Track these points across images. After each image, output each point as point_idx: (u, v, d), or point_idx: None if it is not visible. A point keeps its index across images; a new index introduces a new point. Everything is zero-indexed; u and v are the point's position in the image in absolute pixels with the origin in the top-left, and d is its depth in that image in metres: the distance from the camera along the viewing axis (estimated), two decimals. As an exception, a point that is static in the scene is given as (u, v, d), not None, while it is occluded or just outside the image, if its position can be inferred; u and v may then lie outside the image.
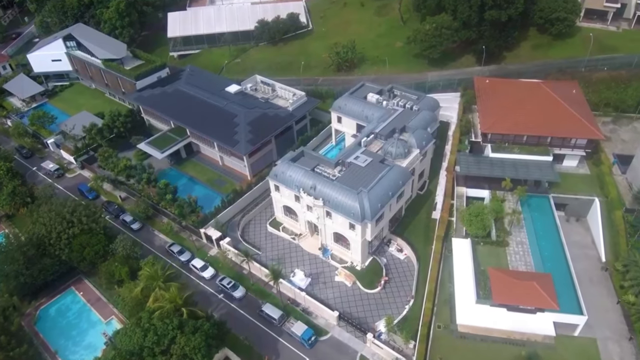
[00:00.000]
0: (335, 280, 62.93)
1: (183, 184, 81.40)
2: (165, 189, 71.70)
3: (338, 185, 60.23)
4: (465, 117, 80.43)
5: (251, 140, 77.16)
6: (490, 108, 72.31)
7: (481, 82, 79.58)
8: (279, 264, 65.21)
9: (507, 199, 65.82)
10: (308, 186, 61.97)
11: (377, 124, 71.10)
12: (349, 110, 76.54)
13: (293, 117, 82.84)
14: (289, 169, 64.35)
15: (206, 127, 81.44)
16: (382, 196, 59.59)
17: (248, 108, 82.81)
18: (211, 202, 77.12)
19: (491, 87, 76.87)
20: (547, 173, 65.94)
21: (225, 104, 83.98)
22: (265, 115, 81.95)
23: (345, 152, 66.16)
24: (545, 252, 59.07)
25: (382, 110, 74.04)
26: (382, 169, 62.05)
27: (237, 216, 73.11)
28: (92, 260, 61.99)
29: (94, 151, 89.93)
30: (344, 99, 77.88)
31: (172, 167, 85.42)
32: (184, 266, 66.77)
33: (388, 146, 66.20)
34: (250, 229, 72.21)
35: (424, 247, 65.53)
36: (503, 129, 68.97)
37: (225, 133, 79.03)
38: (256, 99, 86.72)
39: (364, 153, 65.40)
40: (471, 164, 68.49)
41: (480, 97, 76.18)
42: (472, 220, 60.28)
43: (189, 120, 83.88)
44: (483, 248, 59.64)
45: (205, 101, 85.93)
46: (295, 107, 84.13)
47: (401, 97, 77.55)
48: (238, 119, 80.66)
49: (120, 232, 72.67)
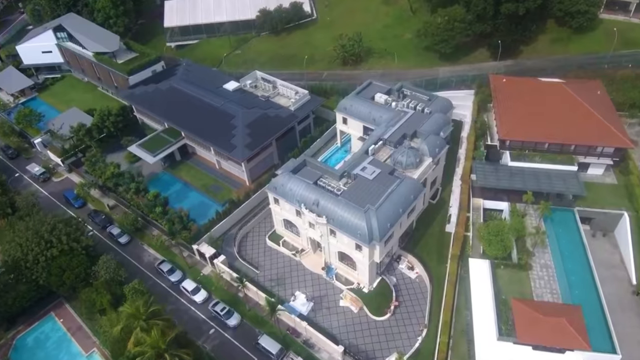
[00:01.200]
0: (340, 305, 57.67)
1: (176, 191, 75.94)
2: (155, 200, 66.10)
3: (343, 202, 54.50)
4: (480, 118, 73.98)
5: (249, 145, 71.22)
6: (508, 111, 65.74)
7: (497, 80, 72.81)
8: (278, 284, 60.31)
9: (528, 213, 59.96)
10: (310, 201, 56.28)
11: (385, 129, 64.91)
12: (356, 111, 70.29)
13: (295, 118, 76.64)
14: (290, 182, 58.58)
15: (202, 130, 75.53)
16: (391, 214, 53.84)
17: (247, 108, 76.62)
18: (206, 211, 71.68)
19: (508, 86, 70.12)
20: (572, 185, 59.75)
21: (222, 104, 77.79)
22: (265, 116, 75.79)
23: (352, 162, 60.16)
24: (573, 276, 53.39)
25: (390, 112, 67.74)
26: (392, 183, 56.16)
27: (234, 228, 67.69)
28: (72, 284, 56.88)
29: (82, 153, 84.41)
30: (350, 99, 71.54)
31: (166, 170, 79.83)
32: (174, 287, 61.64)
33: (398, 155, 60.15)
34: (247, 243, 66.84)
35: (437, 265, 60.08)
36: (523, 135, 62.60)
37: (221, 136, 73.06)
38: (256, 97, 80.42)
39: (372, 163, 59.39)
40: (489, 174, 62.35)
41: (496, 98, 69.55)
42: (491, 240, 54.54)
43: (184, 121, 77.90)
44: (503, 272, 54.00)
45: (201, 100, 79.74)
46: (297, 107, 77.84)
47: (411, 97, 71.09)
48: (236, 121, 74.58)
49: (106, 247, 67.60)
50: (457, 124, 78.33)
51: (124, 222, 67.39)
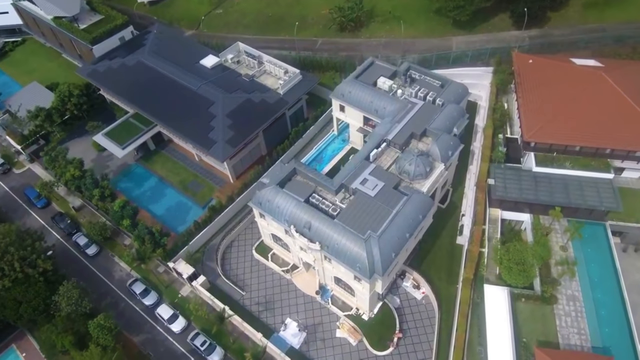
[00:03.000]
0: (336, 336, 51.11)
1: (151, 188, 67.02)
2: (122, 211, 57.21)
3: (340, 227, 46.06)
4: (499, 106, 63.60)
5: (231, 140, 61.31)
6: (534, 105, 55.41)
7: (522, 61, 61.56)
8: (266, 308, 53.37)
9: (554, 228, 51.95)
10: (301, 223, 47.83)
11: (390, 126, 55.01)
12: (355, 99, 59.86)
13: (284, 105, 65.99)
14: (277, 197, 49.71)
15: (175, 120, 65.11)
16: (396, 241, 45.67)
17: (228, 92, 65.73)
18: (185, 214, 63.39)
19: (535, 70, 59.11)
20: (607, 198, 51.01)
21: (199, 86, 66.72)
22: (249, 102, 65.12)
23: (350, 171, 50.86)
24: (603, 309, 46.42)
25: (396, 102, 57.39)
26: (397, 201, 47.44)
27: (216, 237, 59.68)
28: (31, 317, 49.79)
29: (44, 139, 74.52)
30: (348, 84, 60.73)
31: (138, 162, 70.33)
32: (149, 310, 54.68)
33: (405, 163, 50.87)
34: (232, 255, 59.12)
35: (447, 285, 53.06)
36: (552, 137, 52.80)
37: (198, 129, 62.91)
38: (238, 77, 69.13)
39: (374, 173, 50.26)
40: (510, 183, 53.28)
41: (520, 85, 58.76)
42: (511, 268, 46.91)
43: (154, 108, 67.12)
44: (524, 306, 46.87)
45: (174, 81, 68.49)
46: (287, 90, 66.91)
47: (420, 83, 60.26)
48: (215, 108, 64.06)
49: (72, 259, 60.05)
50: (471, 106, 68.48)
51: (91, 231, 59.08)
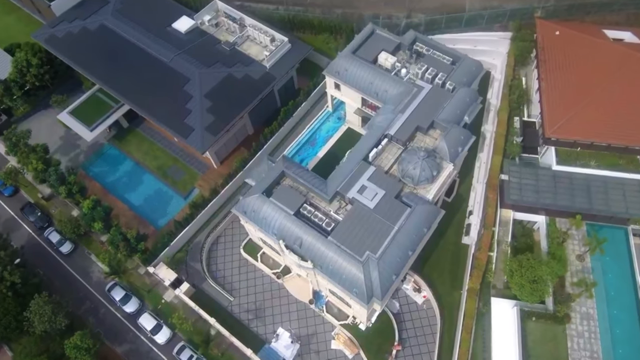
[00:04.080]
0: (331, 347, 48.20)
1: (127, 173, 60.85)
2: (92, 213, 51.32)
3: (334, 246, 41.00)
4: (517, 83, 55.64)
5: (212, 127, 54.04)
6: (560, 90, 47.84)
7: (547, 31, 52.64)
8: (256, 316, 50.07)
9: (572, 234, 47.24)
10: (291, 239, 42.70)
11: (392, 117, 47.86)
12: (352, 78, 51.90)
13: (272, 80, 57.69)
14: (264, 207, 44.01)
15: (145, 100, 56.96)
16: (397, 261, 40.89)
17: (205, 65, 57.14)
18: (166, 204, 58.12)
19: (562, 44, 50.59)
20: (634, 203, 45.58)
21: (171, 58, 57.85)
22: (230, 78, 56.77)
23: (346, 174, 44.68)
24: (618, 328, 43.10)
25: (399, 85, 49.61)
26: (399, 214, 41.97)
27: (201, 233, 54.76)
28: (2, 335, 46.17)
29: (7, 115, 66.69)
30: (344, 60, 52.33)
31: (111, 142, 63.31)
32: (131, 318, 51.17)
33: (408, 166, 44.60)
34: (218, 254, 54.58)
35: (450, 290, 49.61)
36: (579, 133, 46.04)
37: (172, 112, 55.25)
38: (217, 44, 59.95)
39: (373, 179, 44.18)
40: (525, 183, 47.46)
41: (544, 63, 50.58)
42: (523, 285, 42.79)
43: (120, 84, 58.49)
44: (535, 325, 43.34)
45: (142, 51, 59.36)
46: (274, 62, 58.25)
47: (428, 60, 51.86)
48: (191, 86, 55.94)
49: (44, 257, 55.47)
50: (483, 76, 60.44)
51: (62, 228, 53.77)
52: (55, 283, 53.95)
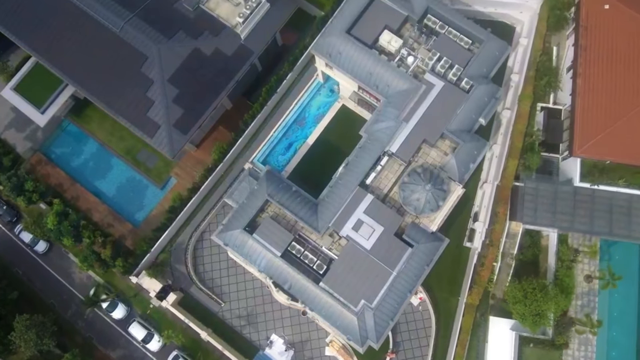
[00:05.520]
0: (325, 354, 48.35)
1: (92, 156, 53.88)
2: (60, 227, 46.01)
3: (326, 295, 37.82)
4: (547, 64, 45.64)
5: (181, 123, 45.70)
6: (601, 92, 39.10)
7: (594, 5, 41.00)
8: (248, 322, 49.47)
9: (582, 249, 43.94)
10: (279, 279, 39.27)
11: (394, 126, 40.12)
12: (347, 64, 42.51)
13: (249, 55, 47.16)
14: (248, 242, 39.57)
15: (94, 82, 46.88)
16: (394, 307, 38.32)
17: (165, 36, 46.13)
18: (141, 195, 53.11)
19: (612, 25, 39.80)
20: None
21: (121, 26, 46.20)
22: (197, 55, 46.28)
23: (339, 203, 39.08)
24: (614, 350, 42.81)
25: (405, 80, 40.74)
26: (399, 256, 38.03)
27: (183, 231, 50.81)
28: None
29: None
30: (337, 40, 42.10)
31: (70, 119, 54.73)
32: (121, 323, 50.19)
33: (411, 195, 38.82)
34: (204, 253, 51.28)
35: (448, 295, 48.13)
36: (618, 154, 38.94)
37: (130, 101, 46.10)
38: (178, 2, 47.46)
39: (370, 211, 38.87)
40: (542, 200, 42.11)
41: (585, 51, 40.24)
42: (525, 316, 40.98)
43: (61, 58, 47.48)
44: (532, 352, 42.79)
45: (85, 14, 47.09)
46: (250, 29, 46.94)
47: (442, 43, 41.48)
48: (150, 67, 45.86)
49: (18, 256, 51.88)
50: (504, 28, 50.38)
51: (31, 230, 49.32)
52: (36, 284, 51.76)
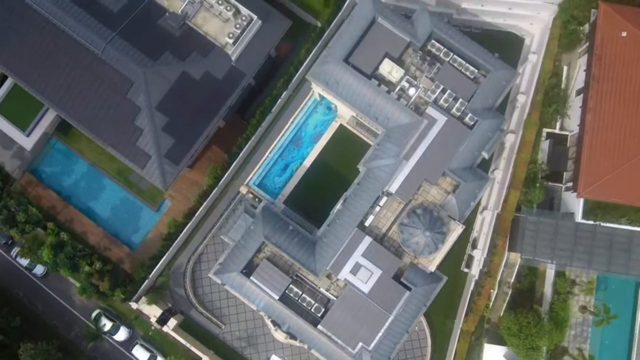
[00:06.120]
0: (323, 375, 49.48)
1: (83, 176, 51.91)
2: (55, 258, 45.30)
3: (324, 338, 37.96)
4: (556, 90, 43.25)
5: (172, 153, 43.96)
6: (611, 130, 37.13)
7: (611, 27, 37.92)
8: (249, 344, 50.30)
9: (579, 282, 43.77)
10: (278, 319, 39.33)
11: (394, 164, 38.56)
12: (345, 93, 40.47)
13: (240, 78, 44.53)
14: (245, 284, 39.32)
15: (79, 107, 44.44)
16: (391, 347, 38.60)
17: (151, 58, 43.37)
18: (136, 217, 52.11)
19: (629, 55, 37.04)
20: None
21: (103, 47, 43.20)
22: (186, 79, 43.68)
23: (337, 246, 38.33)
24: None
25: (405, 114, 38.79)
26: (397, 299, 37.91)
27: (181, 252, 50.38)
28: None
29: None
30: (335, 68, 39.75)
31: (57, 137, 52.63)
32: (123, 344, 50.82)
33: (411, 237, 38.01)
34: (203, 275, 51.03)
35: (443, 318, 48.56)
36: (624, 196, 37.61)
37: (117, 129, 44.05)
38: (162, 18, 44.22)
39: (368, 254, 38.26)
40: (542, 235, 41.24)
41: (599, 82, 37.67)
42: (519, 347, 41.48)
43: (41, 80, 44.66)
44: (524, 378, 43.76)
45: (64, 33, 43.84)
46: (242, 50, 43.99)
47: (446, 74, 38.97)
48: (136, 93, 43.44)
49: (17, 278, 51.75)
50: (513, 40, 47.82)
51: (28, 256, 48.88)
52: (37, 306, 51.99)
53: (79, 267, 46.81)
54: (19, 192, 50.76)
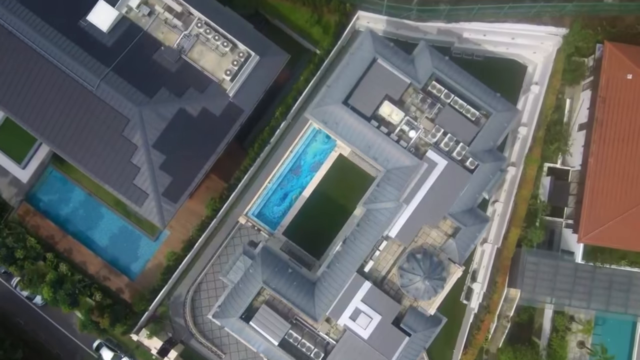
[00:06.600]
0: (323, 403, 50.05)
1: (81, 205, 51.45)
2: (55, 295, 45.34)
3: (325, 381, 38.33)
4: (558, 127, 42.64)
5: (170, 192, 43.50)
6: (614, 177, 36.63)
7: (616, 68, 36.87)
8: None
9: (578, 319, 43.90)
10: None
11: (394, 208, 38.23)
12: (345, 134, 39.91)
13: (238, 114, 43.75)
14: (245, 329, 39.31)
15: (74, 144, 43.80)
16: (392, 390, 38.94)
17: (147, 94, 42.51)
18: (135, 246, 52.02)
19: (632, 100, 36.13)
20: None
21: (97, 83, 42.32)
22: (183, 116, 42.91)
23: (336, 290, 38.30)
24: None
25: (405, 156, 38.32)
26: (396, 344, 38.01)
27: (181, 282, 50.46)
28: None
29: None
30: (335, 108, 38.91)
31: (54, 166, 52.10)
32: (127, 373, 51.48)
33: (410, 284, 37.90)
34: (202, 303, 51.20)
35: (443, 346, 48.70)
36: (626, 243, 37.37)
37: (114, 167, 43.49)
38: (157, 52, 43.17)
39: (368, 299, 38.19)
40: (542, 275, 41.21)
41: (601, 126, 36.90)
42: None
43: (35, 116, 43.85)
44: (521, 413, 44.27)
45: (57, 68, 42.88)
46: (240, 86, 43.11)
47: (446, 119, 38.27)
48: (132, 131, 42.74)
49: (18, 308, 52.02)
50: (515, 67, 47.00)
51: (29, 289, 48.99)
52: (39, 334, 52.42)
53: (78, 302, 46.86)
54: (17, 222, 50.83)
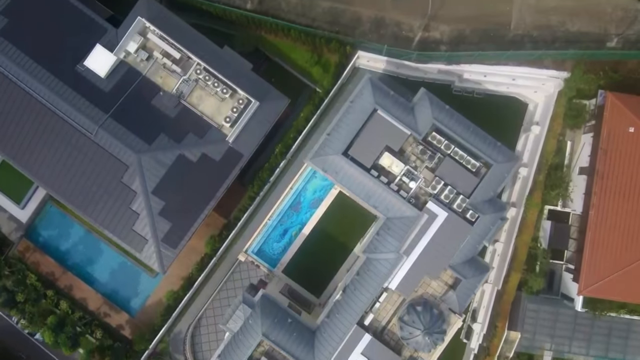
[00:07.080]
0: None
1: (80, 240, 51.13)
2: (56, 339, 45.39)
3: None
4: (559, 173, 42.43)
5: (170, 237, 43.26)
6: (615, 231, 36.49)
7: (618, 121, 36.58)
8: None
9: (578, 359, 44.11)
10: (278, 412, 39.80)
11: (395, 259, 38.19)
12: (345, 182, 39.76)
13: (238, 159, 43.43)
14: (244, 378, 39.47)
15: (72, 190, 43.42)
16: None
17: (146, 141, 42.25)
18: (135, 282, 51.96)
19: (633, 154, 35.94)
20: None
21: (96, 130, 42.04)
22: (183, 163, 42.60)
23: (336, 343, 38.36)
24: None
25: (405, 207, 38.22)
26: (395, 399, 38.14)
27: (181, 318, 50.63)
28: None
29: None
30: (334, 158, 38.71)
31: (53, 203, 51.82)
32: (131, 408, 51.78)
33: (410, 336, 37.96)
34: (202, 340, 51.27)
35: (442, 384, 49.31)
36: (627, 295, 37.31)
37: (113, 213, 43.24)
38: (156, 97, 42.72)
39: (367, 352, 38.23)
40: (542, 322, 41.32)
41: (602, 179, 36.58)
42: None
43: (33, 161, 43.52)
44: None
45: (51, 113, 42.45)
46: (239, 131, 42.77)
47: (446, 170, 38.04)
48: (131, 178, 42.47)
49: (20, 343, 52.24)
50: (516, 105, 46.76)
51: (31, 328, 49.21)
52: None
53: (79, 343, 47.04)
54: (18, 258, 50.88)
